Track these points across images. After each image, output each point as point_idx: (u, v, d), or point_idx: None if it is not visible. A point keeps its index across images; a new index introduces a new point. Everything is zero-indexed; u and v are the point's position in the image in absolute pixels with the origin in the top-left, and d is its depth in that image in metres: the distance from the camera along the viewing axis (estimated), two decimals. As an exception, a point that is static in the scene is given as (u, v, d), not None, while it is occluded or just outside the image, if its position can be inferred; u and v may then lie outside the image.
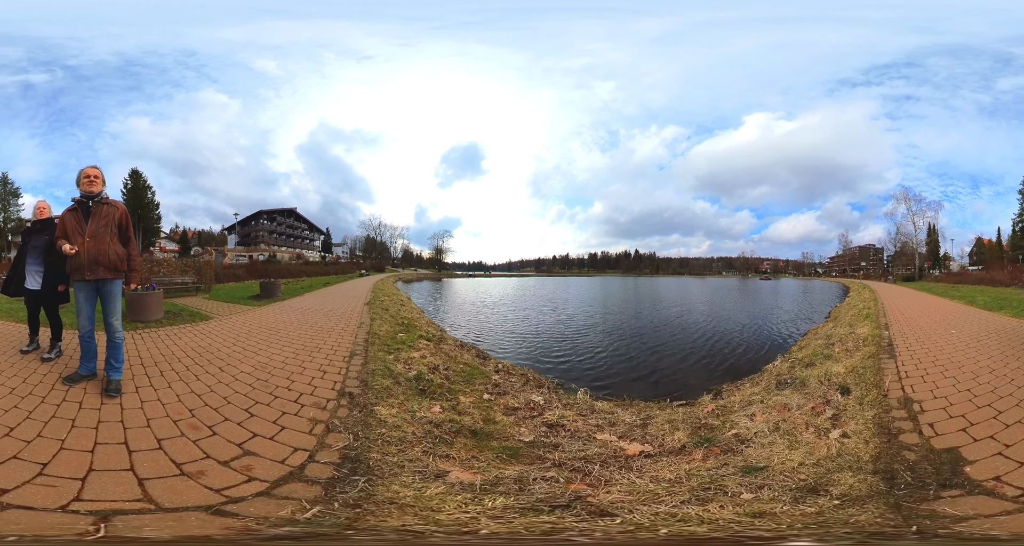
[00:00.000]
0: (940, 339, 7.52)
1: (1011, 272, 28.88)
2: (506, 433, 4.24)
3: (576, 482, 3.07)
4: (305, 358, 5.64)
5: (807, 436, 3.81)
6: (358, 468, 2.91)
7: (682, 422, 4.67)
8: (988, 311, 11.89)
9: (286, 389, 4.31)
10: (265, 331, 7.81)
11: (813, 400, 4.78)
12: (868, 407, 4.23)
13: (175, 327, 7.90)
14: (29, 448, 2.88)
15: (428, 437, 3.71)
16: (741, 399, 5.49)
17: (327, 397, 4.14)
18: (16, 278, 5.23)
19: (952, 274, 45.71)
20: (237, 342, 6.62)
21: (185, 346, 6.17)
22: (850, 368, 5.74)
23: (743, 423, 4.37)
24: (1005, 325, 8.98)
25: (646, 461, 3.61)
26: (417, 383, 5.11)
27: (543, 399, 5.63)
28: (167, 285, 14.88)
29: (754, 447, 3.75)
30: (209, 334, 7.29)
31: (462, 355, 8.05)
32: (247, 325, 8.52)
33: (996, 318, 10.34)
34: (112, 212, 4.24)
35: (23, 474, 2.58)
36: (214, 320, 9.07)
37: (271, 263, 47.02)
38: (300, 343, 6.67)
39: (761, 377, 6.77)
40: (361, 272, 54.06)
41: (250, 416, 3.67)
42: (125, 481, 2.62)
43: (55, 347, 5.20)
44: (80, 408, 3.60)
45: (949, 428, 3.54)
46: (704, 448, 3.84)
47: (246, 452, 3.08)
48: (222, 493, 2.56)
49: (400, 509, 2.45)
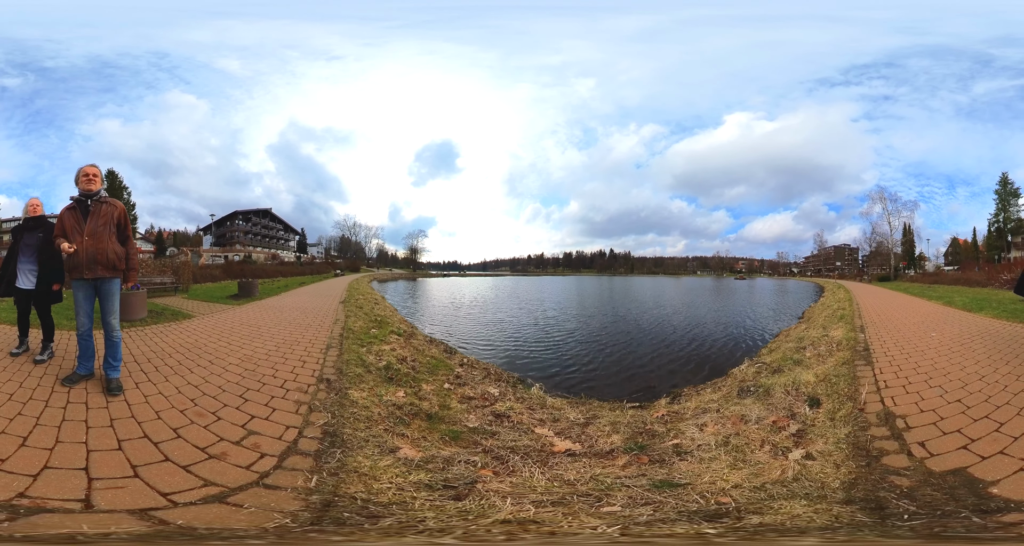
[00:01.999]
0: (920, 343, 6.99)
1: (988, 272, 27.51)
2: (456, 419, 4.53)
3: (488, 469, 3.25)
4: (286, 351, 6.08)
5: (759, 455, 3.44)
6: (335, 441, 3.34)
7: (625, 425, 4.55)
8: (968, 312, 11.37)
9: (272, 377, 4.75)
10: (247, 328, 8.17)
11: (776, 412, 4.37)
12: (841, 424, 3.80)
13: (160, 326, 8.13)
14: (57, 455, 2.80)
15: (391, 417, 4.13)
16: (697, 406, 5.19)
17: (308, 383, 4.60)
18: (7, 277, 4.99)
19: (928, 274, 44.36)
20: (222, 338, 6.99)
21: (173, 343, 6.47)
22: (821, 376, 5.30)
23: (690, 433, 4.10)
24: (988, 327, 8.52)
25: (566, 459, 3.58)
26: (386, 372, 5.62)
27: (499, 391, 5.90)
28: (147, 285, 14.95)
29: (690, 461, 3.45)
30: (194, 331, 7.59)
31: (430, 349, 8.57)
32: (229, 323, 8.84)
33: (977, 319, 9.82)
34: (111, 211, 4.17)
35: (73, 482, 2.53)
36: (197, 318, 9.32)
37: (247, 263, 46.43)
38: (280, 338, 7.10)
39: (725, 382, 6.45)
40: (336, 272, 53.69)
41: (245, 401, 4.00)
42: (173, 471, 2.74)
43: (47, 348, 5.00)
44: (88, 409, 3.59)
45: (946, 446, 3.14)
46: (632, 455, 3.66)
47: (250, 432, 3.38)
48: (251, 470, 2.82)
49: (358, 477, 2.85)
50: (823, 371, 5.51)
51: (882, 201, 60.46)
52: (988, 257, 48.61)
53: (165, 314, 9.56)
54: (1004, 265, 31.18)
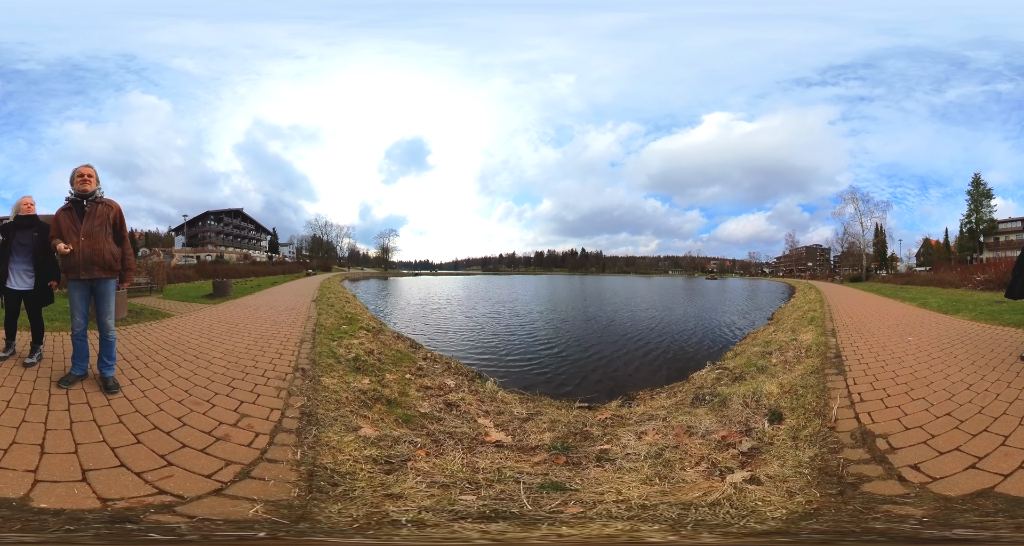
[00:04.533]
0: (897, 349, 6.42)
1: (961, 273, 26.24)
2: (411, 404, 4.88)
3: (423, 449, 3.55)
4: (264, 345, 6.51)
5: (689, 473, 3.10)
6: (311, 420, 3.72)
7: (564, 425, 4.48)
8: (944, 314, 10.85)
9: (253, 367, 5.18)
10: (225, 325, 8.49)
11: (730, 426, 3.94)
12: (806, 444, 3.33)
13: (141, 325, 8.29)
14: (87, 457, 2.82)
15: (356, 401, 4.51)
16: (645, 411, 4.93)
17: (285, 372, 5.07)
18: None
19: (900, 275, 42.90)
20: (203, 335, 7.31)
21: (157, 340, 6.66)
22: (787, 387, 4.77)
23: (625, 439, 3.88)
24: (967, 330, 8.03)
25: (492, 449, 3.71)
26: (354, 363, 6.12)
27: (455, 383, 6.15)
28: (122, 286, 14.86)
29: (606, 469, 3.27)
30: (175, 329, 7.84)
31: (396, 344, 9.07)
32: (207, 321, 9.10)
33: (955, 322, 9.32)
34: (107, 211, 4.11)
35: (125, 479, 2.63)
36: (175, 317, 9.50)
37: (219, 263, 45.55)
38: (258, 333, 7.50)
39: (683, 387, 6.16)
40: (308, 271, 53.10)
41: (233, 389, 4.32)
42: (196, 456, 2.96)
43: (36, 350, 4.78)
44: (91, 408, 3.59)
45: (948, 467, 2.75)
46: (552, 454, 3.63)
47: (243, 415, 3.67)
48: (253, 447, 3.14)
49: (328, 450, 3.23)
50: (789, 381, 4.98)
51: (854, 201, 58.67)
52: (960, 258, 47.06)
53: (144, 314, 9.64)
54: (977, 266, 29.70)
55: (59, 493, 2.45)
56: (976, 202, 50.09)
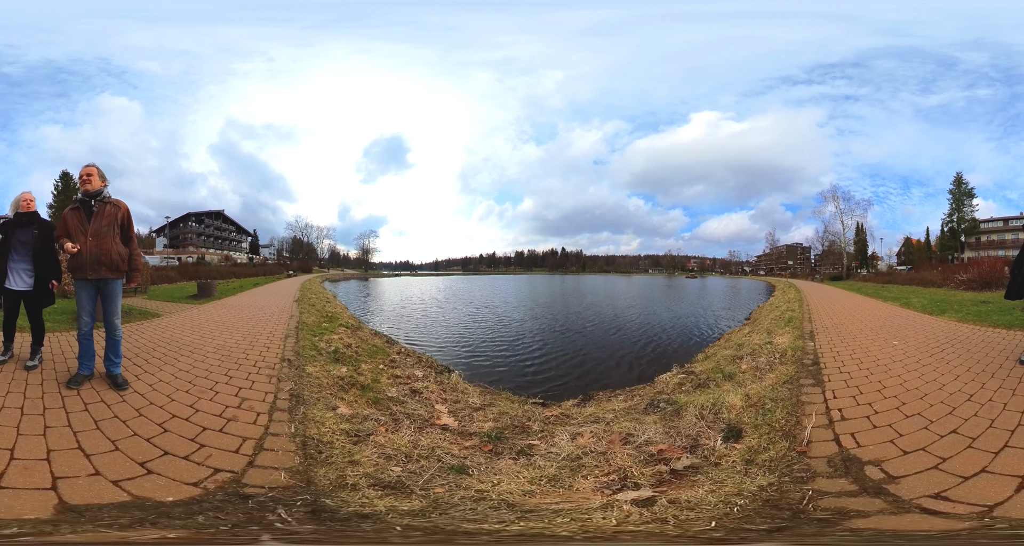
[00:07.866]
0: (882, 354, 5.65)
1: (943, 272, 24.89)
2: (381, 389, 5.27)
3: (383, 426, 3.95)
4: (252, 340, 6.93)
5: (589, 481, 2.83)
6: (299, 401, 4.14)
7: (509, 417, 4.53)
8: (929, 315, 9.95)
9: (245, 359, 5.61)
10: (214, 323, 8.79)
11: (674, 439, 3.44)
12: (761, 471, 2.71)
13: (132, 324, 8.31)
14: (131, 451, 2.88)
15: (335, 386, 4.95)
16: (593, 413, 4.71)
17: (274, 362, 5.52)
18: None
19: (881, 274, 40.93)
20: (194, 332, 7.61)
21: (152, 338, 6.79)
22: (753, 399, 4.14)
23: (557, 438, 3.73)
24: (955, 332, 7.25)
25: (437, 430, 4.01)
26: (334, 355, 6.62)
27: (423, 374, 6.47)
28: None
29: (519, 463, 3.22)
30: (167, 328, 8.03)
31: (373, 340, 9.55)
32: (196, 320, 9.34)
33: (941, 323, 8.49)
34: (115, 211, 4.03)
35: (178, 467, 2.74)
36: (164, 317, 9.61)
37: (201, 265, 44.62)
38: (245, 330, 7.88)
39: (644, 390, 5.80)
40: (289, 273, 52.30)
41: (230, 378, 4.63)
42: (219, 436, 3.20)
43: (37, 353, 4.51)
44: (107, 405, 3.58)
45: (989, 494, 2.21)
46: (483, 441, 3.78)
47: (243, 399, 4.01)
48: (258, 424, 3.49)
49: (313, 424, 3.69)
50: (757, 391, 4.37)
51: (835, 200, 55.95)
52: (941, 257, 44.98)
53: (133, 314, 9.61)
54: (959, 265, 27.93)
55: (147, 487, 2.49)
56: (958, 202, 48.20)
